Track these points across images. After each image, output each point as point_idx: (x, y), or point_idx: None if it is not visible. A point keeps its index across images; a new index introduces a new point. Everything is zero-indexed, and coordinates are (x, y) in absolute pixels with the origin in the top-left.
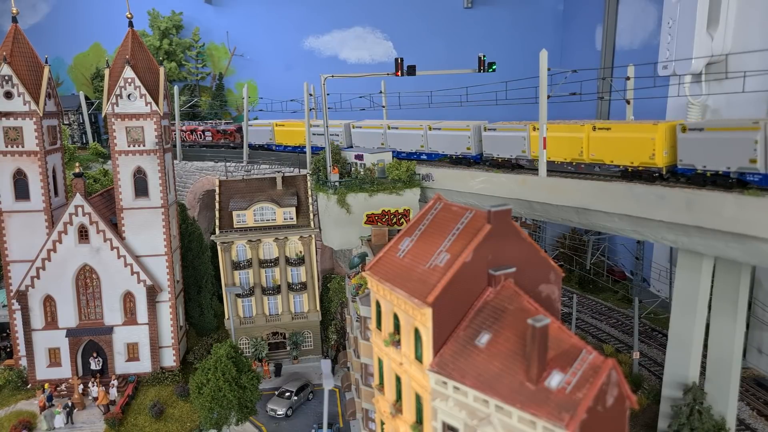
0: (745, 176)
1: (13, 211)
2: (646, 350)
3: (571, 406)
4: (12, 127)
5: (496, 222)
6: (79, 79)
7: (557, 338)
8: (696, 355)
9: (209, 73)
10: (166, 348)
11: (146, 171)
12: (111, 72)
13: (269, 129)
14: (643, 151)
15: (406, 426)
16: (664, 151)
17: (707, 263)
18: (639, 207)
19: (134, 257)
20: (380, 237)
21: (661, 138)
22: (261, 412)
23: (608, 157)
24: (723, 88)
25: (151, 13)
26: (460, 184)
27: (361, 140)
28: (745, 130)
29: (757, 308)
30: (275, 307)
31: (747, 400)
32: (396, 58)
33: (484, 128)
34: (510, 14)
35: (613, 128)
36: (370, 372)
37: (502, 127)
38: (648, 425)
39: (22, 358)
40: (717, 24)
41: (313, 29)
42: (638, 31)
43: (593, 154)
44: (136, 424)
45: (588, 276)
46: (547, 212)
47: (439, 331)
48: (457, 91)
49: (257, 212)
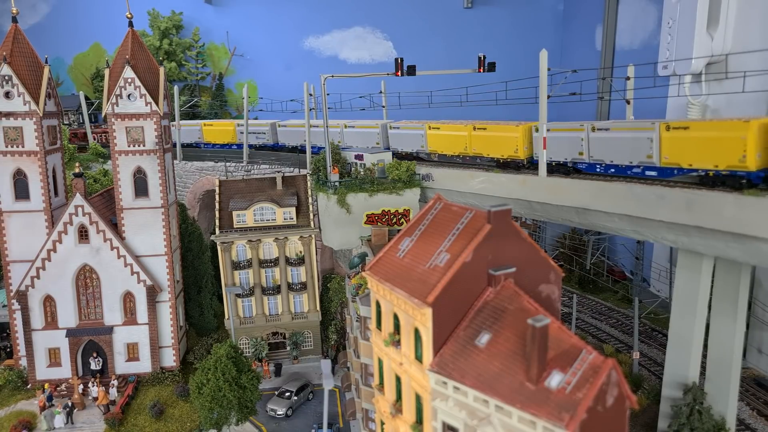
0: (576, 165)
1: (13, 211)
2: (646, 350)
3: (571, 406)
4: (12, 127)
5: (496, 222)
6: (79, 79)
7: (557, 338)
8: (696, 355)
9: (209, 73)
10: (166, 348)
11: (146, 171)
12: (111, 72)
13: (198, 128)
14: (510, 146)
15: (406, 426)
16: (524, 147)
17: (707, 263)
18: (639, 207)
19: (134, 257)
20: (380, 237)
21: (522, 136)
22: (261, 412)
23: (485, 152)
24: (723, 88)
25: (151, 13)
26: (460, 184)
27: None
28: (577, 131)
29: (757, 308)
30: (275, 307)
31: (747, 400)
32: (396, 58)
33: (390, 126)
34: (510, 14)
35: (488, 128)
36: (370, 372)
37: (405, 125)
38: (648, 425)
39: (22, 358)
40: (717, 24)
41: (313, 29)
42: (638, 31)
43: (474, 149)
44: (136, 424)
45: (588, 276)
46: (547, 212)
47: (439, 331)
48: (457, 91)
49: (257, 212)
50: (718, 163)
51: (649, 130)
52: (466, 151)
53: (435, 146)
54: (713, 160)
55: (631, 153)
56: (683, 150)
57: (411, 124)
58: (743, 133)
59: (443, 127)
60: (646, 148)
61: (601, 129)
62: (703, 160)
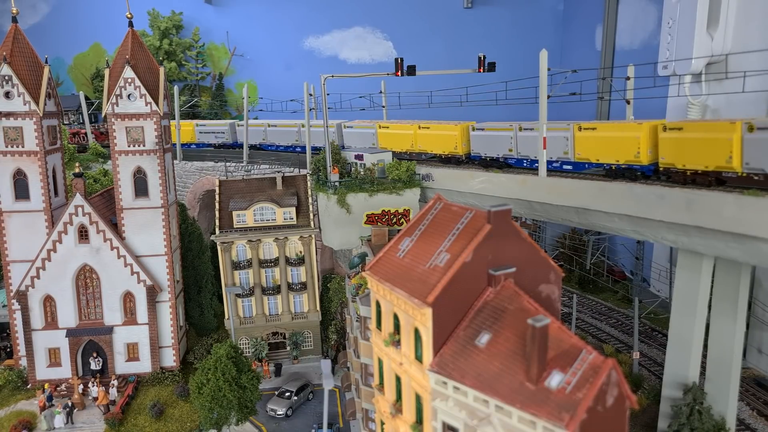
0: (507, 160)
1: (13, 211)
2: (646, 350)
3: (571, 406)
4: (12, 127)
5: (496, 222)
6: (79, 79)
7: (557, 338)
8: (696, 355)
9: (209, 73)
10: (166, 348)
11: (146, 171)
12: (111, 72)
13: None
14: (450, 144)
15: (406, 426)
16: (463, 144)
17: (707, 263)
18: (639, 207)
19: (134, 257)
20: (380, 237)
21: (460, 135)
22: (261, 412)
23: (429, 148)
24: (723, 88)
25: (151, 13)
26: (460, 184)
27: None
28: (507, 130)
29: (757, 308)
30: (275, 307)
31: (747, 400)
32: (396, 58)
33: (343, 126)
34: (510, 14)
35: (431, 128)
36: (370, 372)
37: (358, 125)
38: (648, 425)
39: (22, 358)
40: (717, 24)
41: (313, 29)
42: (638, 31)
43: (420, 146)
44: (136, 424)
45: (588, 276)
46: (547, 212)
47: (439, 331)
48: (457, 91)
49: (257, 212)
50: (619, 158)
51: (565, 130)
52: (412, 148)
53: (385, 143)
54: (615, 156)
55: (552, 150)
56: (592, 147)
57: (364, 124)
58: (638, 133)
59: (392, 126)
60: (563, 145)
61: (527, 129)
62: (607, 156)
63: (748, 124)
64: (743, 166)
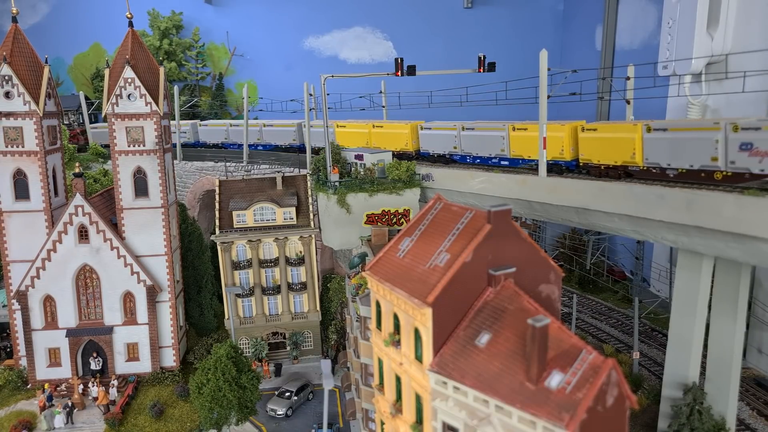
0: (452, 156)
1: (13, 211)
2: (646, 350)
3: (571, 406)
4: (12, 127)
5: (496, 222)
6: (79, 79)
7: (557, 338)
8: (696, 355)
9: (209, 73)
10: (166, 348)
11: (146, 171)
12: (111, 72)
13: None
14: (401, 141)
15: (406, 426)
16: (413, 141)
17: (707, 263)
18: (639, 207)
19: (134, 257)
20: (380, 237)
21: (410, 133)
22: (261, 412)
23: (382, 146)
24: (723, 88)
25: (151, 13)
26: (460, 184)
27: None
28: (452, 129)
29: (757, 308)
30: (275, 307)
31: (747, 400)
32: (396, 58)
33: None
34: (510, 14)
35: (384, 126)
36: (370, 372)
37: (315, 124)
38: (648, 425)
39: (22, 358)
40: (717, 24)
41: (313, 29)
42: (638, 31)
43: (375, 143)
44: (136, 424)
45: (588, 276)
46: (547, 212)
47: (439, 331)
48: (457, 92)
49: (257, 212)
50: (397, 147)
51: (501, 130)
52: (368, 145)
53: (342, 141)
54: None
55: (490, 147)
56: (524, 145)
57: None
58: (561, 133)
59: (348, 125)
60: (500, 143)
61: (468, 128)
62: (391, 145)
63: (647, 125)
64: (644, 161)
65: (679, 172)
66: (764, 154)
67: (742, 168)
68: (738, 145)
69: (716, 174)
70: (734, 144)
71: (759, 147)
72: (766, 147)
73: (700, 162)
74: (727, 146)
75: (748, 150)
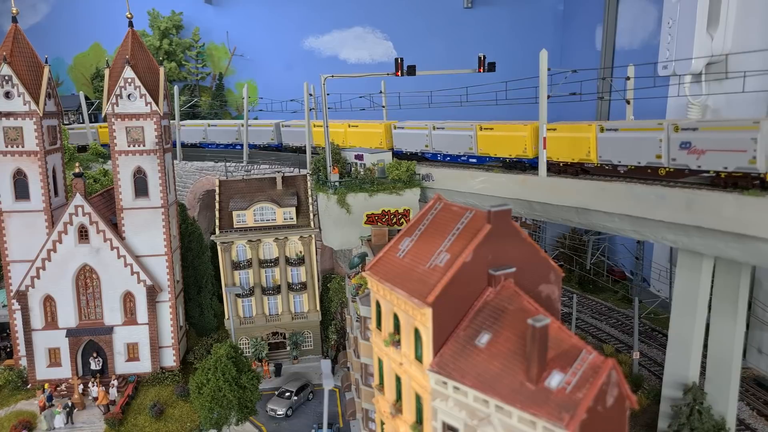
0: (425, 154)
1: (13, 211)
2: (646, 350)
3: (571, 406)
4: (12, 127)
5: (496, 222)
6: (79, 79)
7: (557, 338)
8: (696, 355)
9: (209, 73)
10: (166, 348)
11: (146, 171)
12: (111, 72)
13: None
14: (377, 140)
15: (406, 426)
16: (387, 140)
17: (707, 263)
18: (639, 207)
19: (134, 257)
20: (380, 237)
21: (383, 132)
22: (261, 412)
23: (357, 144)
24: (723, 88)
25: (151, 13)
26: (460, 184)
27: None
28: (423, 129)
29: (757, 308)
30: (275, 307)
31: (747, 400)
32: (396, 58)
33: (282, 125)
34: (510, 14)
35: (360, 126)
36: (370, 372)
37: (295, 124)
38: (648, 425)
39: (22, 358)
40: (717, 24)
41: (313, 29)
42: (638, 31)
43: (351, 142)
44: (136, 424)
45: (588, 276)
46: (547, 212)
47: (439, 331)
48: (457, 91)
49: (257, 212)
50: (511, 153)
51: (469, 129)
52: (344, 144)
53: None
54: (508, 151)
55: (459, 146)
56: (490, 144)
57: (299, 123)
58: (524, 132)
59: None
60: (468, 142)
61: (439, 128)
62: (502, 151)
63: (600, 126)
64: (598, 159)
65: (628, 168)
66: (701, 152)
67: (682, 165)
68: (678, 144)
69: (660, 170)
70: (675, 143)
71: (696, 146)
72: (702, 146)
73: (646, 159)
74: (669, 145)
75: (687, 148)
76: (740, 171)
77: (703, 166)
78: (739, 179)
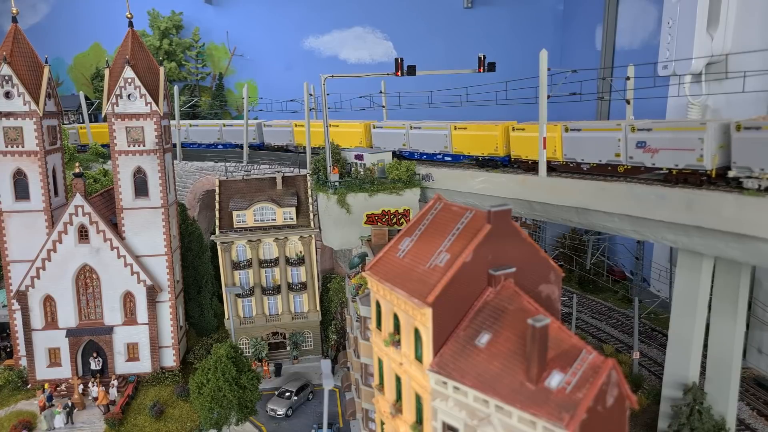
0: (402, 153)
1: (13, 211)
2: (646, 350)
3: (571, 406)
4: (12, 127)
5: (496, 222)
6: (79, 79)
7: (557, 338)
8: (696, 355)
9: (209, 73)
10: (166, 348)
11: (146, 171)
12: (111, 72)
13: None
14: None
15: (406, 426)
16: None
17: (707, 263)
18: (639, 207)
19: (134, 257)
20: (380, 237)
21: (363, 132)
22: (261, 412)
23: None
24: (723, 88)
25: (151, 13)
26: (460, 184)
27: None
28: (400, 128)
29: (757, 308)
30: (275, 307)
31: (747, 400)
32: (396, 58)
33: (264, 125)
34: (510, 14)
35: (340, 125)
36: (370, 372)
37: (276, 123)
38: (648, 425)
39: (22, 358)
40: (717, 24)
41: (313, 29)
42: (638, 31)
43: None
44: (136, 424)
45: (588, 276)
46: (547, 212)
47: (439, 331)
48: (457, 91)
49: (257, 212)
50: (484, 151)
51: (444, 129)
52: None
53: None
54: (481, 150)
55: (435, 145)
56: (464, 143)
57: (281, 123)
58: (495, 132)
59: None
60: (443, 141)
61: (416, 127)
62: (475, 150)
63: (565, 126)
64: (563, 157)
65: (591, 166)
66: (655, 151)
67: (638, 162)
68: (635, 143)
69: (620, 167)
70: (632, 142)
71: (651, 145)
72: (656, 145)
73: (606, 157)
74: (627, 144)
75: (642, 147)
76: (689, 168)
77: (657, 163)
78: (689, 176)
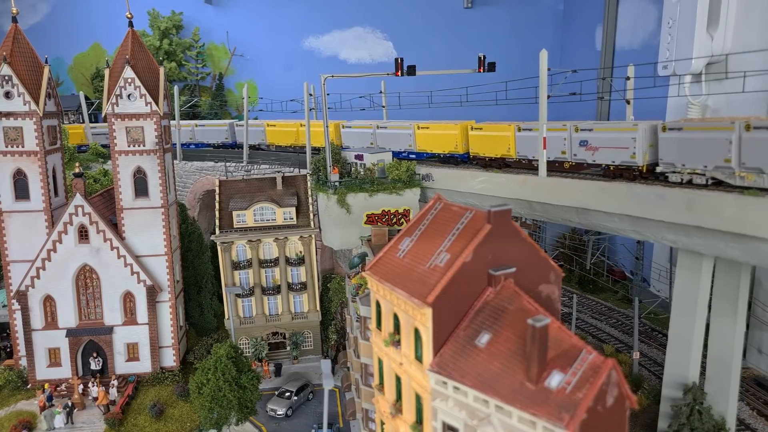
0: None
1: (13, 211)
2: (646, 350)
3: (571, 406)
4: (12, 127)
5: (496, 222)
6: (79, 79)
7: (557, 338)
8: (696, 355)
9: (209, 73)
10: (166, 348)
11: (146, 171)
12: (111, 72)
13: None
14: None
15: (406, 426)
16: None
17: (707, 263)
18: (639, 207)
19: (134, 257)
20: (380, 237)
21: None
22: (261, 412)
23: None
24: (723, 88)
25: (151, 13)
26: (460, 184)
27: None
28: (368, 128)
29: (757, 308)
30: (275, 307)
31: (747, 400)
32: (396, 58)
33: (236, 125)
34: (510, 14)
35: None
36: (370, 372)
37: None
38: (648, 425)
39: (22, 358)
40: (717, 24)
41: (313, 29)
42: (638, 31)
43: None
44: (136, 424)
45: (588, 276)
46: (547, 212)
47: (439, 331)
48: (457, 91)
49: (257, 212)
50: (445, 149)
51: (408, 128)
52: (296, 142)
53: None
54: (442, 148)
55: (400, 143)
56: (427, 142)
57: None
58: (455, 131)
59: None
60: (408, 140)
61: (382, 127)
62: (437, 148)
63: (518, 126)
64: (516, 154)
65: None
66: (595, 149)
67: (581, 159)
68: (579, 142)
69: (565, 164)
70: (576, 141)
71: (591, 143)
72: (596, 143)
73: (554, 155)
74: (571, 143)
75: (585, 146)
76: (624, 165)
77: (597, 160)
78: (624, 171)
